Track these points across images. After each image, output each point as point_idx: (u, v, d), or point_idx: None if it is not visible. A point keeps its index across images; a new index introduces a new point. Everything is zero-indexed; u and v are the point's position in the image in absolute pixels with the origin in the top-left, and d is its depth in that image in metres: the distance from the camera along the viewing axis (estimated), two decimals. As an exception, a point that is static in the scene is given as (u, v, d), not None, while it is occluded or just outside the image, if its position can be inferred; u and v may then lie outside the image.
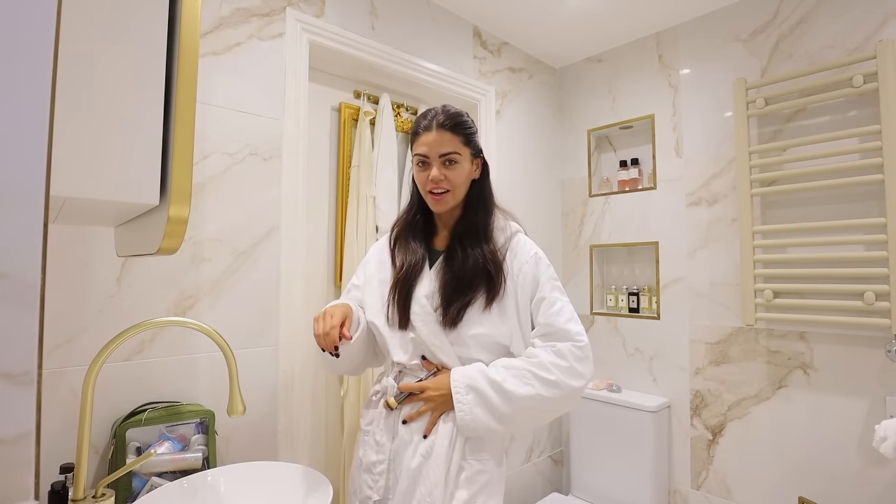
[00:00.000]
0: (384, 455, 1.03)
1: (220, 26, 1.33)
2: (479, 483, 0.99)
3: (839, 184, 1.62)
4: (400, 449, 1.02)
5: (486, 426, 0.98)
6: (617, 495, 2.00)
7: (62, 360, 1.05)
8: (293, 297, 1.44)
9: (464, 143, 1.06)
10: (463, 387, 0.98)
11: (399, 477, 1.00)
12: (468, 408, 0.97)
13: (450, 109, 1.09)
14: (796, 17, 1.77)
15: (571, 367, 0.98)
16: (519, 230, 1.13)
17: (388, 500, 1.01)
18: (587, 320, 2.36)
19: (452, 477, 0.97)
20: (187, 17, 0.54)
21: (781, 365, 1.78)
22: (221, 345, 0.87)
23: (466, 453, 1.00)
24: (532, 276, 1.05)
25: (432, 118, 1.06)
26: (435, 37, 1.92)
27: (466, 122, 1.09)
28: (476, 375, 0.99)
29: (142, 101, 0.54)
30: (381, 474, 1.02)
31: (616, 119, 2.29)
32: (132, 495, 0.99)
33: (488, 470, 1.01)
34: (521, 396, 0.96)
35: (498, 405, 0.97)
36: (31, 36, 0.38)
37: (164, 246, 0.56)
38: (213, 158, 1.30)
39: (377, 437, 1.06)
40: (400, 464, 1.01)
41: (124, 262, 1.15)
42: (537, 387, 0.96)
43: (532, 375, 0.97)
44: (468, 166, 1.08)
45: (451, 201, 1.08)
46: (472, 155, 1.09)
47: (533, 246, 1.10)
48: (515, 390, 0.96)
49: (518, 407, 0.96)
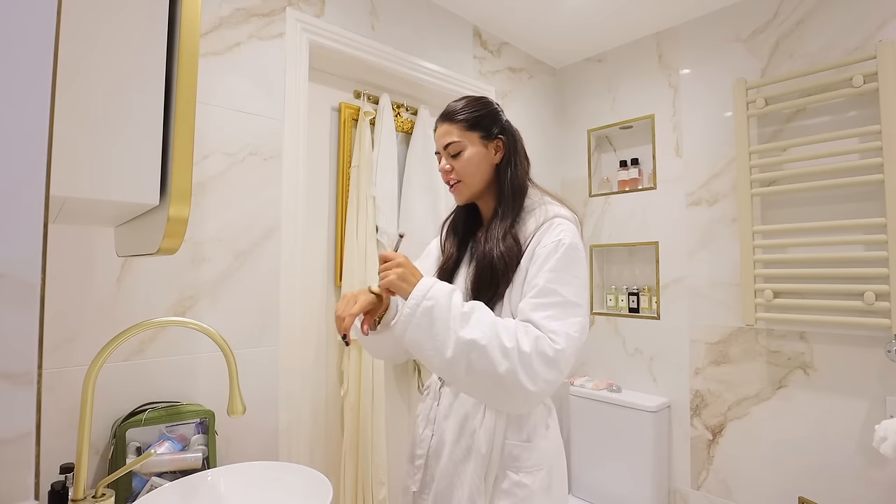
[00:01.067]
0: (423, 450, 1.02)
1: (220, 26, 1.33)
2: (517, 496, 0.92)
3: (839, 184, 1.62)
4: (438, 447, 0.99)
5: (420, 338, 0.84)
6: (617, 495, 2.00)
7: (62, 360, 1.05)
8: (293, 297, 1.44)
9: (466, 129, 1.00)
10: (429, 286, 0.86)
11: (436, 476, 0.98)
12: (416, 303, 0.84)
13: (459, 99, 1.05)
14: (796, 17, 1.77)
15: (530, 358, 0.80)
16: (557, 215, 0.98)
17: (423, 493, 1.01)
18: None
19: (489, 487, 0.92)
20: (187, 17, 0.54)
21: (781, 365, 1.78)
22: (221, 345, 0.87)
23: (505, 464, 0.93)
24: (543, 259, 0.90)
25: (441, 113, 1.05)
26: (435, 37, 1.92)
27: (469, 105, 1.02)
28: (449, 291, 0.86)
29: (142, 101, 0.54)
30: (419, 468, 1.02)
31: (616, 119, 2.29)
32: (132, 495, 0.99)
33: (526, 483, 0.92)
34: (472, 339, 0.80)
35: (444, 329, 0.82)
36: (32, 36, 0.38)
37: (164, 246, 0.56)
38: (213, 158, 1.30)
39: (420, 430, 1.05)
40: (437, 462, 0.99)
41: (124, 262, 1.14)
42: (494, 349, 0.80)
43: (494, 332, 0.81)
44: (477, 151, 1.00)
45: (466, 191, 1.02)
46: (482, 138, 1.00)
47: (567, 233, 0.93)
48: (473, 328, 0.82)
49: (461, 347, 0.81)
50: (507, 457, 0.93)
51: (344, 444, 1.63)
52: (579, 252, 0.93)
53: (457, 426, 0.98)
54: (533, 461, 0.94)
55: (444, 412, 1.02)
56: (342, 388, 1.65)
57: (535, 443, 0.95)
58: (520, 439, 0.94)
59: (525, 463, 0.93)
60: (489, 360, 0.79)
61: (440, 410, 1.02)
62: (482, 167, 1.01)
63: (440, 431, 1.01)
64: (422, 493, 1.01)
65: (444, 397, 1.03)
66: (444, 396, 1.03)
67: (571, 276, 0.89)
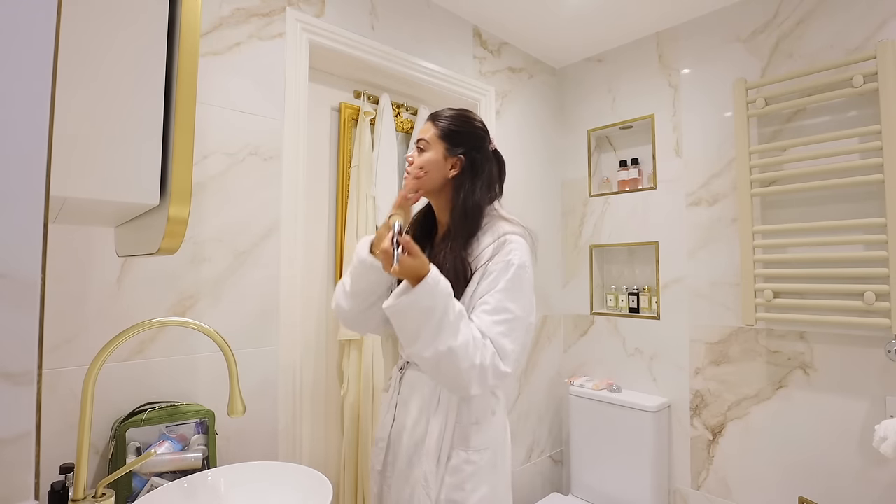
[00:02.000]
0: (385, 433, 1.16)
1: (220, 26, 1.33)
2: (465, 472, 1.04)
3: (839, 184, 1.62)
4: (399, 432, 1.12)
5: (407, 326, 0.93)
6: (617, 495, 2.00)
7: (62, 360, 1.05)
8: (293, 297, 1.44)
9: (438, 136, 1.11)
10: (433, 284, 0.91)
11: (398, 456, 1.11)
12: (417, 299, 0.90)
13: (451, 109, 1.16)
14: (796, 17, 1.77)
15: (486, 372, 0.93)
16: (512, 232, 1.06)
17: (386, 471, 1.14)
18: (587, 320, 2.36)
19: (442, 464, 1.05)
20: (187, 17, 0.54)
21: (781, 365, 1.78)
22: (221, 345, 0.87)
23: (455, 444, 1.05)
24: (494, 276, 0.99)
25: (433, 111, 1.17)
26: (435, 37, 1.92)
27: (454, 117, 1.13)
28: (447, 295, 0.93)
29: (142, 100, 0.54)
30: (382, 449, 1.16)
31: (616, 119, 2.29)
32: (132, 495, 0.99)
33: (474, 460, 1.05)
34: (449, 349, 0.90)
35: (431, 331, 0.91)
36: (32, 36, 0.38)
37: (164, 246, 0.56)
38: (213, 158, 1.30)
39: (383, 416, 1.20)
40: (399, 444, 1.11)
41: (124, 262, 1.14)
42: (463, 360, 0.91)
43: (466, 349, 0.91)
44: (436, 159, 1.10)
45: (412, 184, 1.09)
46: (446, 150, 1.10)
47: (517, 253, 1.02)
48: (453, 338, 0.91)
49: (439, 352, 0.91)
50: (458, 438, 1.06)
51: (344, 444, 1.63)
52: (527, 270, 1.03)
53: (415, 412, 1.10)
54: (479, 442, 1.06)
55: (404, 400, 1.14)
56: (342, 388, 1.65)
57: (481, 425, 1.07)
58: (469, 422, 1.07)
59: (472, 444, 1.05)
60: (456, 367, 0.92)
61: (400, 399, 1.15)
62: (433, 174, 1.10)
63: (401, 417, 1.13)
64: (384, 471, 1.15)
65: (403, 388, 1.16)
66: (403, 387, 1.16)
67: (520, 294, 1.01)
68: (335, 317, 1.70)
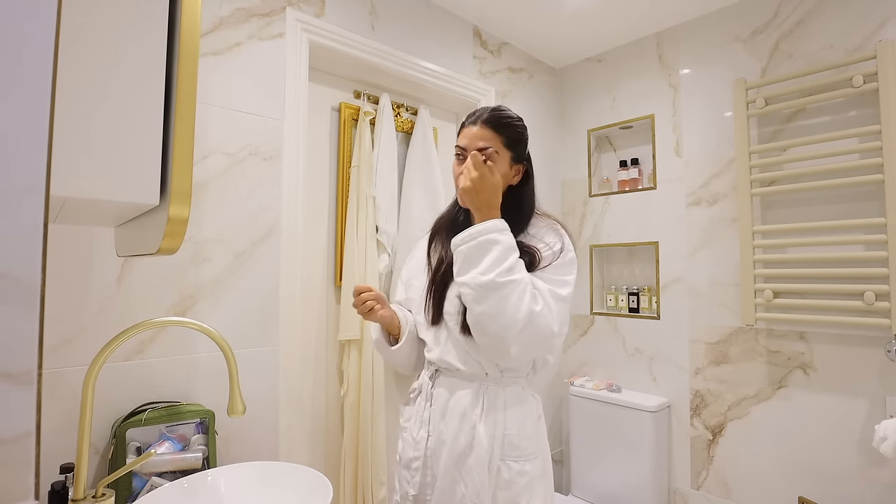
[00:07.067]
0: (420, 451, 1.04)
1: (220, 26, 1.33)
2: (519, 484, 0.97)
3: (839, 184, 1.62)
4: (437, 447, 1.02)
5: (479, 252, 0.93)
6: (617, 495, 2.00)
7: (62, 360, 1.05)
8: (293, 297, 1.44)
9: (505, 145, 1.04)
10: (499, 228, 0.95)
11: (437, 475, 1.01)
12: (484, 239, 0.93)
13: (501, 108, 1.07)
14: (796, 17, 1.77)
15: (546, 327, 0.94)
16: (555, 221, 1.12)
17: (425, 494, 1.02)
18: (587, 320, 2.36)
19: (493, 477, 0.97)
20: (187, 17, 0.54)
21: (781, 365, 1.78)
22: (221, 345, 0.87)
23: (506, 454, 0.98)
24: (548, 259, 1.03)
25: (480, 113, 1.05)
26: (435, 37, 1.92)
27: (514, 124, 1.06)
28: (511, 242, 0.96)
29: (142, 100, 0.54)
30: (416, 470, 1.04)
31: (616, 119, 2.29)
32: (132, 495, 0.99)
33: (527, 471, 0.99)
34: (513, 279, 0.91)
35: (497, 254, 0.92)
36: (32, 36, 0.38)
37: (164, 246, 0.56)
38: (213, 158, 1.30)
39: (414, 433, 1.06)
40: (437, 461, 1.01)
41: (124, 262, 1.14)
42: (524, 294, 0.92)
43: (532, 294, 0.93)
44: (505, 168, 1.04)
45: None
46: (512, 159, 1.06)
47: (565, 239, 1.07)
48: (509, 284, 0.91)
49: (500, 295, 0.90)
50: (508, 447, 0.98)
51: (344, 444, 1.63)
52: (572, 252, 1.07)
53: (456, 423, 1.01)
54: (531, 450, 1.00)
55: (439, 412, 1.04)
56: (342, 388, 1.65)
57: (531, 432, 1.01)
58: (518, 429, 1.00)
59: (524, 452, 0.99)
60: (509, 303, 0.89)
61: (434, 411, 1.04)
62: (498, 185, 1.02)
63: (437, 431, 1.03)
64: (422, 494, 1.03)
65: (437, 398, 1.05)
66: (437, 397, 1.05)
67: (568, 271, 1.04)
68: (335, 317, 1.71)
